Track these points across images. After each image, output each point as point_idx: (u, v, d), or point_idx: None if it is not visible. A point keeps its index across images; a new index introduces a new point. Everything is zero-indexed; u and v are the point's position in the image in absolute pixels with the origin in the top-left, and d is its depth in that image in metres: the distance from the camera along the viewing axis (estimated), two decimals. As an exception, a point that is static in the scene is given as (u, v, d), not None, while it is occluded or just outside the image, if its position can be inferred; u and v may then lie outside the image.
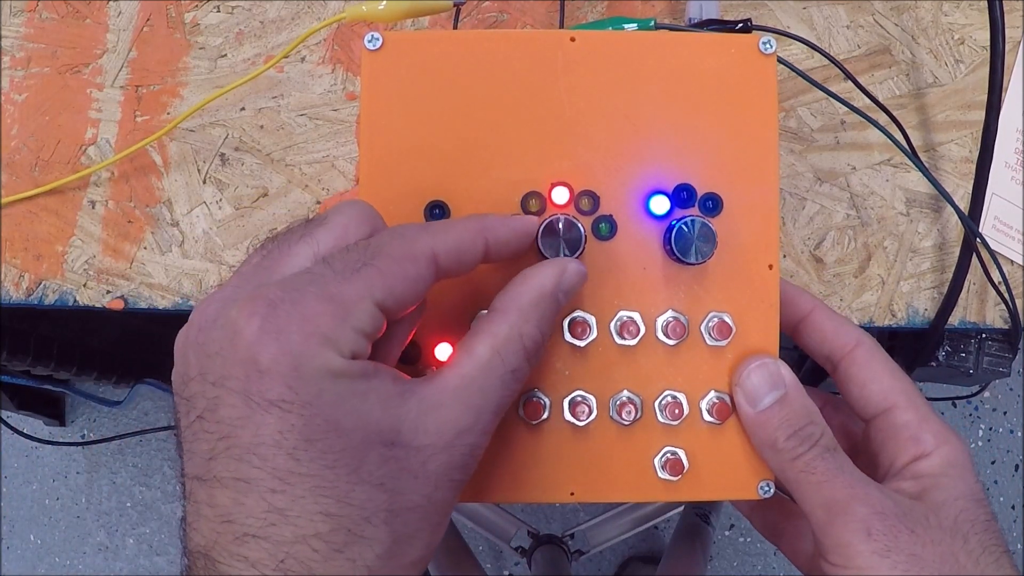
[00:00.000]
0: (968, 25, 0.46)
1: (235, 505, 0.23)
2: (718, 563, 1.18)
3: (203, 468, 0.24)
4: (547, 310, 0.28)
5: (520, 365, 0.27)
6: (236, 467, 0.23)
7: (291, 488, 0.23)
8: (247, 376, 0.23)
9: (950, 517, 0.28)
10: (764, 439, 0.30)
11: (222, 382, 0.23)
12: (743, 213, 0.31)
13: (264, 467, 0.23)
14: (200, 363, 0.24)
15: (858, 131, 0.45)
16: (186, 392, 0.25)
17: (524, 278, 0.28)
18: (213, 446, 0.23)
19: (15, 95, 0.45)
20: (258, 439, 0.23)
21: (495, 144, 0.31)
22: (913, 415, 0.31)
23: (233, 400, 0.23)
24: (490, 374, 0.26)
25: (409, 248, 0.25)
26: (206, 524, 0.24)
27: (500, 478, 0.30)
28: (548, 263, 0.28)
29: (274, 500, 0.23)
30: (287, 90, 0.45)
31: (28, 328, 0.73)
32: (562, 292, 0.28)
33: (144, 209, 0.44)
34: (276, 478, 0.23)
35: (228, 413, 0.23)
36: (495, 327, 0.27)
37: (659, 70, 0.31)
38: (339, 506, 0.23)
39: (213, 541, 0.23)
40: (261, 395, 0.23)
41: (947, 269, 0.44)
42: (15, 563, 1.21)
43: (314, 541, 0.23)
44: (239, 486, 0.23)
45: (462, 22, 0.45)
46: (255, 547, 0.23)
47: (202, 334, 0.24)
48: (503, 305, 0.27)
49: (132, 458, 1.22)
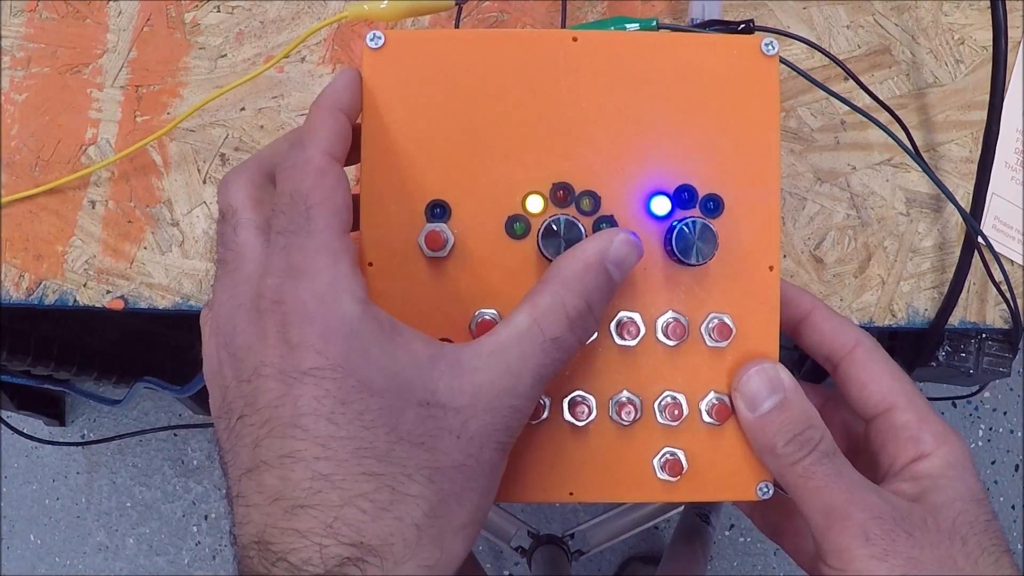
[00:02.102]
0: (968, 25, 0.46)
1: (282, 481, 0.24)
2: (718, 563, 1.18)
3: (249, 460, 0.24)
4: (594, 281, 0.28)
5: (562, 334, 0.27)
6: (281, 445, 0.24)
7: (334, 452, 0.23)
8: (281, 356, 0.24)
9: (948, 519, 0.28)
10: (763, 443, 0.30)
11: (257, 372, 0.24)
12: (744, 215, 0.31)
13: (307, 437, 0.23)
14: (234, 369, 0.25)
15: (858, 131, 0.45)
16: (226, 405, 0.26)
17: (570, 251, 0.28)
18: (256, 435, 0.24)
19: (15, 95, 0.45)
20: (298, 411, 0.24)
21: (496, 144, 0.31)
22: (913, 415, 0.31)
23: (269, 384, 0.24)
24: (528, 341, 0.26)
25: (311, 167, 0.27)
26: (256, 512, 0.24)
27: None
28: (596, 235, 0.29)
29: (319, 467, 0.23)
30: (287, 90, 0.45)
31: (28, 328, 0.73)
32: (612, 264, 0.28)
33: (144, 209, 0.44)
34: (319, 445, 0.23)
35: (266, 398, 0.24)
36: (537, 297, 0.27)
37: (661, 70, 0.31)
38: (381, 465, 0.24)
39: (264, 525, 0.24)
40: (295, 368, 0.24)
41: (947, 269, 0.44)
42: (15, 563, 1.21)
43: (360, 501, 0.23)
44: (285, 462, 0.24)
45: (463, 22, 0.45)
46: (304, 517, 0.23)
47: (228, 346, 0.26)
48: (547, 277, 0.28)
49: (132, 458, 1.22)
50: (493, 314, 0.30)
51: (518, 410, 0.26)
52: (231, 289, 0.26)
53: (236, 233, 0.27)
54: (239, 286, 0.26)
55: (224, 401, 0.26)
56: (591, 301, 0.28)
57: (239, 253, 0.27)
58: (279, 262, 0.25)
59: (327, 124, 0.28)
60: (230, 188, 0.29)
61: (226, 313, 0.26)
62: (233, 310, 0.26)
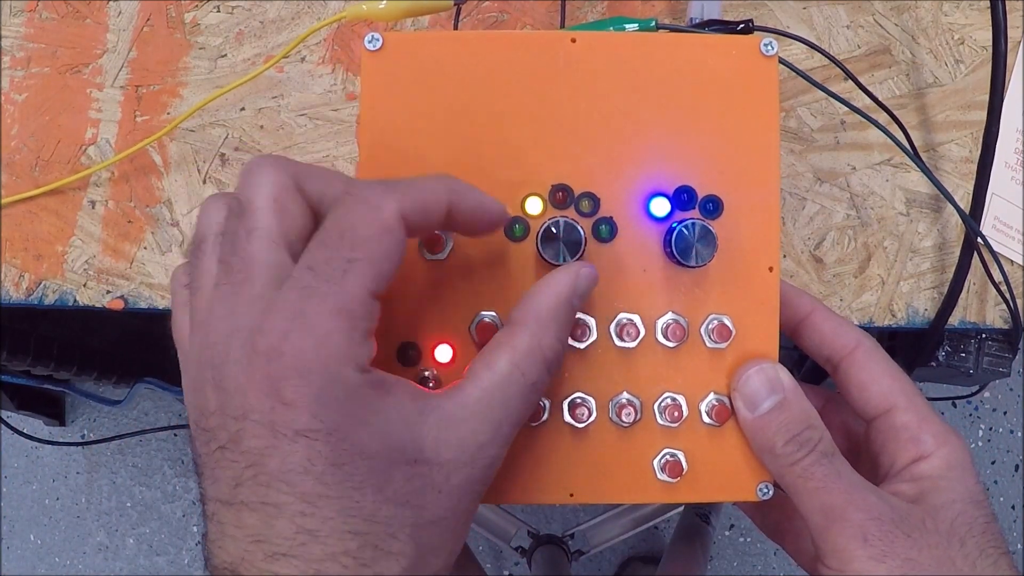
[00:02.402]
0: (968, 25, 0.46)
1: (265, 527, 0.23)
2: (718, 563, 1.18)
3: (228, 493, 0.24)
4: (564, 318, 0.28)
5: (540, 377, 0.27)
6: (264, 493, 0.23)
7: (320, 511, 0.23)
8: (272, 409, 0.23)
9: (947, 520, 0.28)
10: (762, 444, 0.30)
11: (245, 416, 0.23)
12: (744, 216, 0.31)
13: (293, 492, 0.23)
14: (220, 399, 0.24)
15: (858, 131, 0.45)
16: (206, 424, 0.25)
17: (540, 288, 0.28)
18: (239, 474, 0.24)
19: (15, 95, 0.45)
20: (286, 467, 0.23)
21: (495, 145, 0.31)
22: (913, 416, 0.31)
23: (258, 431, 0.23)
24: (510, 388, 0.26)
25: (381, 220, 0.24)
26: (233, 543, 0.24)
27: (500, 479, 0.30)
28: (560, 270, 0.28)
29: (304, 523, 0.23)
30: (287, 90, 0.45)
31: (28, 328, 0.73)
32: (577, 297, 0.28)
33: (144, 209, 0.44)
34: (305, 502, 0.23)
35: (254, 444, 0.23)
36: (515, 340, 0.27)
37: (660, 71, 0.31)
38: (367, 524, 0.24)
39: (241, 559, 0.24)
40: (287, 426, 0.23)
41: (947, 269, 0.44)
42: (15, 563, 1.21)
43: (343, 558, 0.23)
44: (268, 510, 0.23)
45: (462, 22, 0.45)
46: (286, 564, 0.23)
47: (217, 371, 0.24)
48: (521, 317, 0.27)
49: (132, 458, 1.22)
50: (493, 316, 0.30)
51: (496, 459, 0.26)
52: (231, 305, 0.24)
53: (249, 240, 0.25)
54: (240, 307, 0.24)
55: (204, 419, 0.25)
56: (563, 340, 0.28)
57: (248, 266, 0.24)
58: (292, 303, 0.23)
59: (426, 191, 0.26)
60: (258, 178, 0.25)
61: (219, 332, 0.24)
62: (228, 334, 0.24)
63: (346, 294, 0.24)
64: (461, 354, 0.30)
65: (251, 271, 0.24)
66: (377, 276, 0.24)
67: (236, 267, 0.25)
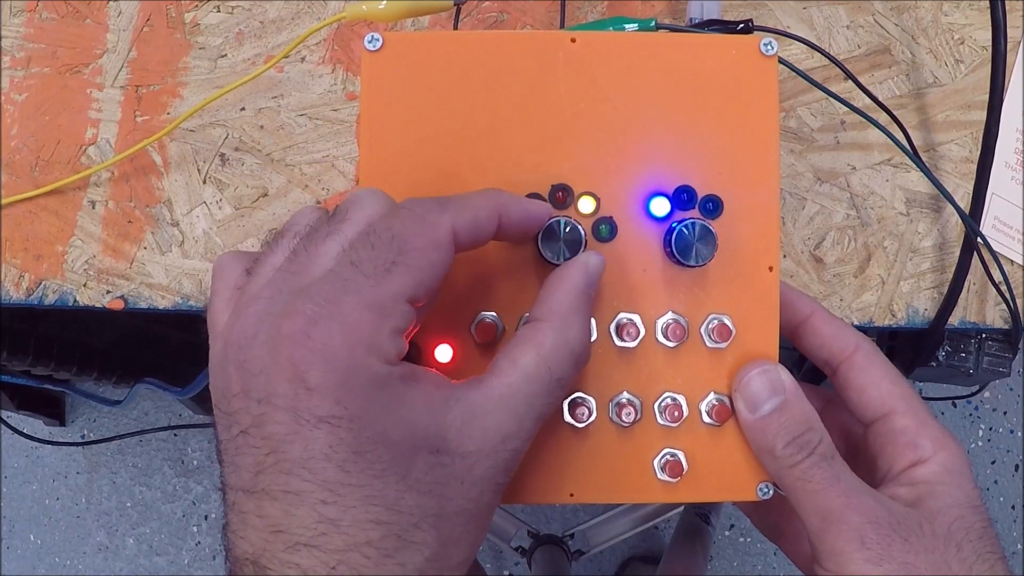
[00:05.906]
0: (968, 25, 0.46)
1: (285, 516, 0.23)
2: (718, 563, 1.18)
3: (250, 481, 0.24)
4: (585, 310, 0.28)
5: (568, 373, 0.27)
6: (286, 480, 0.23)
7: (342, 499, 0.23)
8: (295, 394, 0.23)
9: (944, 525, 0.28)
10: (762, 445, 0.30)
11: (268, 400, 0.24)
12: (743, 215, 0.31)
13: (314, 480, 0.23)
14: (243, 380, 0.24)
15: (858, 131, 0.45)
16: (228, 407, 0.25)
17: (555, 284, 0.28)
18: (260, 460, 0.24)
19: (15, 95, 0.45)
20: (308, 454, 0.23)
21: (495, 145, 0.31)
22: (911, 420, 0.31)
23: (281, 417, 0.23)
24: (536, 384, 0.26)
25: (432, 234, 0.25)
26: (254, 533, 0.24)
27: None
28: (570, 264, 0.29)
29: (325, 511, 0.23)
30: (287, 90, 0.45)
31: (28, 328, 0.73)
32: (591, 287, 0.28)
33: (144, 209, 0.44)
34: (327, 490, 0.23)
35: (276, 429, 0.23)
36: (540, 336, 0.27)
37: (659, 71, 0.31)
38: (389, 513, 0.23)
39: (262, 549, 0.23)
40: (310, 412, 0.23)
41: (947, 269, 0.44)
42: (15, 563, 1.21)
43: (366, 548, 0.23)
44: (289, 498, 0.23)
45: (462, 22, 0.45)
46: (307, 555, 0.23)
47: (242, 352, 0.24)
48: (544, 314, 0.27)
49: (132, 458, 1.22)
50: (493, 316, 0.30)
51: (518, 452, 0.26)
52: (279, 288, 0.25)
53: (325, 241, 0.25)
54: (283, 293, 0.25)
55: (227, 402, 0.25)
56: (587, 331, 0.28)
57: (312, 259, 0.25)
58: (327, 291, 0.24)
59: (478, 208, 0.26)
60: (361, 201, 0.26)
61: (255, 313, 0.25)
62: (261, 313, 0.24)
63: (382, 291, 0.24)
64: (461, 354, 0.30)
65: (312, 264, 0.25)
66: (417, 284, 0.25)
67: (301, 258, 0.25)
